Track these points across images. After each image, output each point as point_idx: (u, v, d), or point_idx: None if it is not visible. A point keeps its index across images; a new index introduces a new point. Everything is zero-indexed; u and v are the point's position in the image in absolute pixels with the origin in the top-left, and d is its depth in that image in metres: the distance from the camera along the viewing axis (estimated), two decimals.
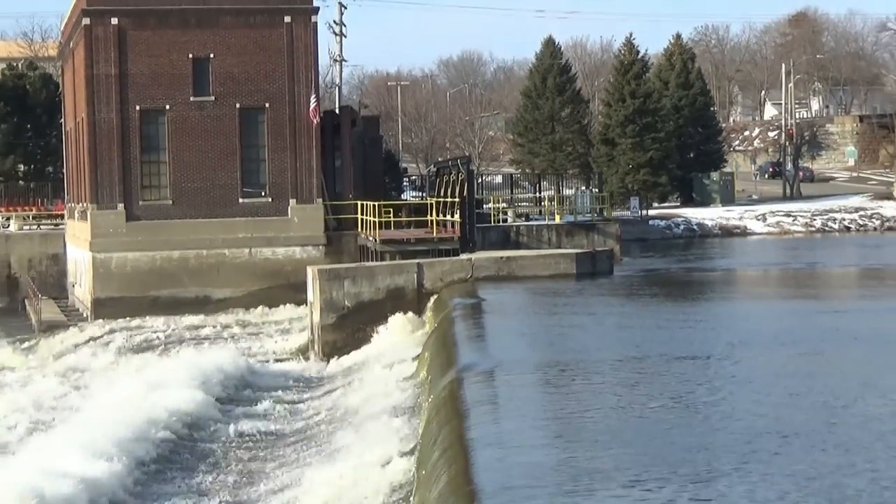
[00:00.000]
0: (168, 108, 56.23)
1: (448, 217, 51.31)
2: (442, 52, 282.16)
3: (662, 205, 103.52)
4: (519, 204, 78.96)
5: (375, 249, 49.31)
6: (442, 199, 53.16)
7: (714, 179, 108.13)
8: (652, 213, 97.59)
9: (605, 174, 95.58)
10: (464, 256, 45.95)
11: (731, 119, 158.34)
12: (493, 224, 56.87)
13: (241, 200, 56.49)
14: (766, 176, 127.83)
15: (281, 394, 36.51)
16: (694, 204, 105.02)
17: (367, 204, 52.22)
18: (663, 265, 62.98)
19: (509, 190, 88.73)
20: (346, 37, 78.22)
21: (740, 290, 47.54)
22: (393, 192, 78.71)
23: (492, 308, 35.49)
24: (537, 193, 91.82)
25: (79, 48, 59.13)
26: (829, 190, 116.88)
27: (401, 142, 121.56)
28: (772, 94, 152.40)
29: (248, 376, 38.79)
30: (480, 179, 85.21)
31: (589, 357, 25.90)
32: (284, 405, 34.59)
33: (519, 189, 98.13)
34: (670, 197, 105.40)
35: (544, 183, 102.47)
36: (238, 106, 56.60)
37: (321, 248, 56.19)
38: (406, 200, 71.67)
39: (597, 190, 77.28)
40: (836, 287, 48.55)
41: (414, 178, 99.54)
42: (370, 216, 50.52)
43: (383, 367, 35.61)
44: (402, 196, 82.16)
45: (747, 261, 67.02)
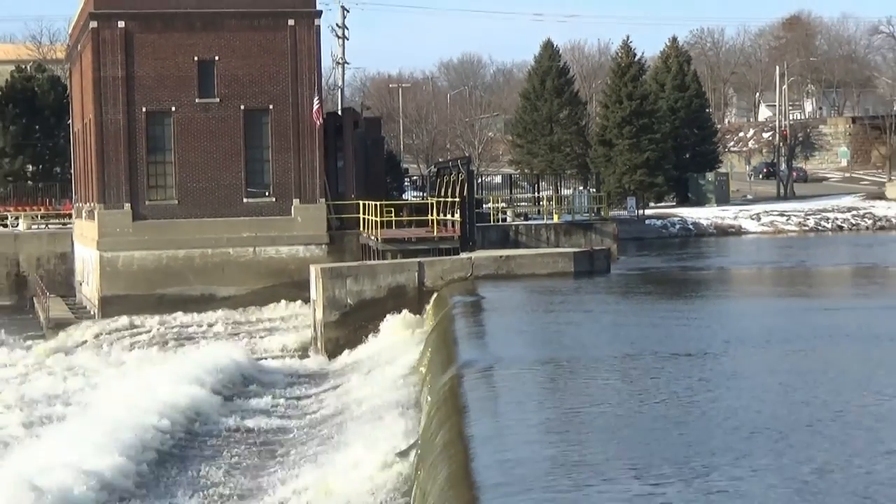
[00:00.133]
0: (174, 109, 56.24)
1: (448, 217, 51.32)
2: (442, 54, 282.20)
3: (659, 204, 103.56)
4: (518, 204, 79.00)
5: (377, 248, 49.34)
6: (442, 199, 53.17)
7: (709, 180, 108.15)
8: (648, 212, 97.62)
9: (603, 174, 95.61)
10: (464, 255, 45.98)
11: (726, 120, 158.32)
12: (492, 223, 56.85)
13: (245, 200, 56.51)
14: (761, 176, 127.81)
15: (284, 390, 36.56)
16: (689, 204, 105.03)
17: (368, 204, 52.23)
18: (659, 264, 63.01)
19: (508, 190, 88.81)
20: (348, 40, 78.40)
21: (734, 289, 47.53)
22: (394, 192, 78.67)
23: (491, 306, 35.51)
24: (536, 193, 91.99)
25: (86, 51, 59.14)
26: (822, 190, 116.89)
27: (402, 143, 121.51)
28: (766, 96, 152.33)
29: (252, 373, 38.83)
30: (480, 180, 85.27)
31: (586, 354, 25.92)
32: (287, 401, 34.65)
33: (518, 189, 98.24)
34: (666, 197, 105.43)
35: (543, 183, 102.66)
36: (242, 107, 56.60)
37: (324, 246, 56.20)
38: (407, 200, 71.65)
39: (594, 190, 77.32)
40: (828, 285, 48.55)
41: (415, 178, 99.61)
42: (372, 216, 50.53)
43: (385, 364, 35.65)
44: (403, 196, 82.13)
45: (742, 259, 67.04)
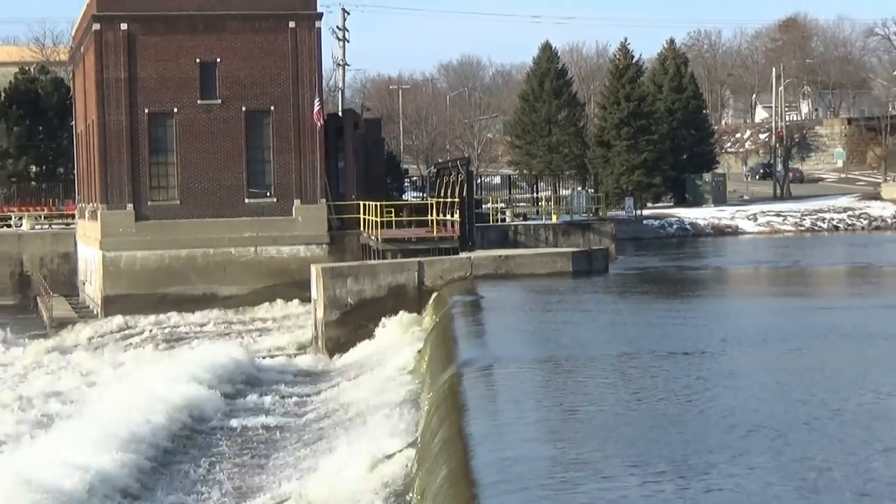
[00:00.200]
0: (176, 110, 56.22)
1: (448, 217, 51.31)
2: (442, 56, 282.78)
3: (656, 205, 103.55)
4: (517, 204, 78.97)
5: (377, 248, 49.32)
6: (442, 200, 53.15)
7: (706, 180, 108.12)
8: (646, 212, 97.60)
9: (601, 175, 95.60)
10: (463, 255, 45.95)
11: (723, 122, 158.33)
12: (491, 224, 56.86)
13: (246, 201, 56.51)
14: (757, 177, 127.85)
15: (285, 388, 36.52)
16: (687, 204, 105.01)
17: (369, 204, 52.22)
18: (657, 264, 62.96)
19: (507, 190, 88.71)
20: (348, 42, 78.43)
21: (731, 288, 47.51)
22: (394, 192, 78.67)
23: (490, 305, 35.48)
24: (535, 194, 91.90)
25: (89, 53, 59.11)
26: (818, 190, 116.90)
27: (402, 144, 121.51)
28: (762, 98, 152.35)
29: (253, 371, 38.79)
30: (479, 180, 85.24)
31: (584, 353, 25.89)
32: (289, 399, 34.60)
33: (517, 189, 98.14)
34: (664, 197, 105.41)
35: (541, 184, 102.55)
36: (244, 109, 56.59)
37: (325, 246, 56.20)
38: (407, 201, 71.63)
39: (592, 190, 77.33)
40: (824, 285, 48.54)
41: (415, 178, 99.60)
42: (372, 216, 50.51)
43: (385, 363, 35.60)
44: (403, 196, 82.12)
45: (738, 259, 67.01)
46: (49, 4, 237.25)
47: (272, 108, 56.70)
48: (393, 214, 51.02)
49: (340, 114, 65.87)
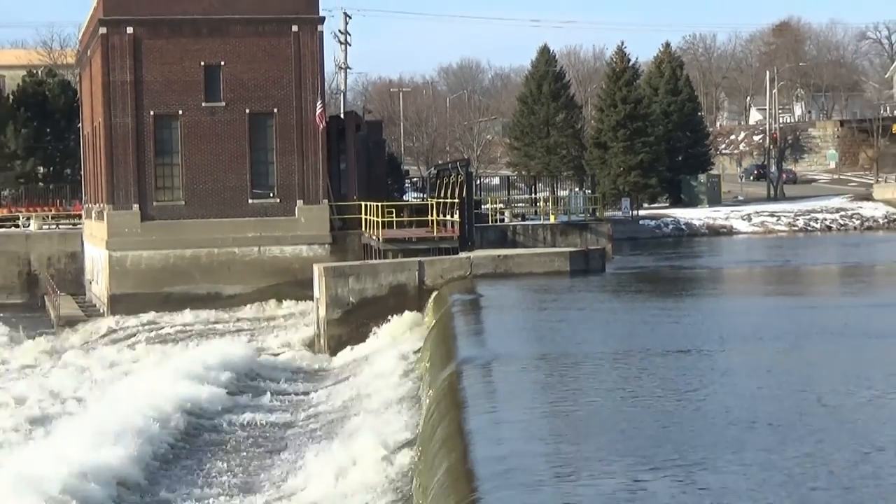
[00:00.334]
0: (181, 113, 56.25)
1: (448, 217, 51.33)
2: (442, 59, 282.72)
3: (652, 205, 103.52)
4: (515, 205, 79.00)
5: (379, 248, 49.35)
6: (442, 200, 53.17)
7: (701, 181, 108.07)
8: (642, 213, 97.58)
9: (598, 176, 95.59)
10: (463, 255, 45.98)
11: (718, 124, 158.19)
12: (490, 224, 56.89)
13: (250, 201, 56.54)
14: (751, 178, 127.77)
15: (288, 385, 36.56)
16: (682, 204, 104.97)
17: (370, 204, 52.25)
18: (653, 263, 62.96)
19: (506, 191, 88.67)
20: (350, 45, 78.52)
21: (725, 287, 47.54)
22: (395, 193, 78.61)
23: (489, 304, 35.50)
24: (533, 194, 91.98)
25: (96, 56, 59.15)
26: (811, 191, 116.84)
27: (403, 145, 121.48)
28: (756, 100, 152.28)
29: (257, 369, 38.81)
30: (479, 181, 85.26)
31: (581, 351, 25.92)
32: (292, 396, 34.64)
33: (515, 190, 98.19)
34: (660, 198, 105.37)
35: (539, 184, 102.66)
36: (248, 111, 56.62)
37: (327, 246, 56.24)
38: (408, 201, 71.64)
39: (590, 191, 77.36)
40: (816, 284, 48.57)
41: (415, 179, 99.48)
42: (373, 216, 50.54)
43: (386, 360, 35.63)
44: (403, 197, 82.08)
45: (733, 259, 66.99)
46: (56, 9, 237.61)
47: (275, 110, 56.73)
48: (394, 215, 51.05)
49: (342, 116, 65.89)
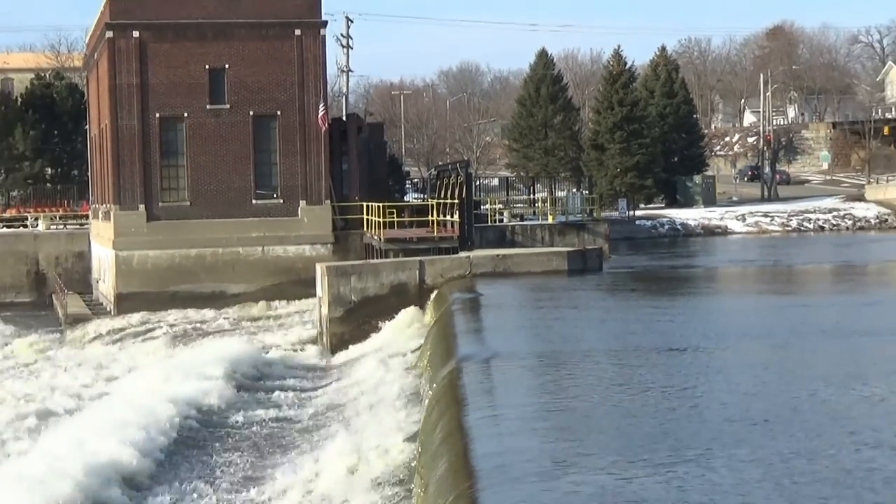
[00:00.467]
0: (186, 115, 56.28)
1: (448, 217, 51.34)
2: (442, 63, 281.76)
3: (648, 206, 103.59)
4: (514, 205, 78.87)
5: (380, 248, 49.38)
6: (442, 201, 53.19)
7: (697, 182, 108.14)
8: (639, 213, 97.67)
9: (595, 177, 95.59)
10: (462, 254, 46.01)
11: (713, 126, 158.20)
12: (489, 224, 56.85)
13: (254, 202, 56.55)
14: (746, 179, 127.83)
15: (292, 382, 36.56)
16: (678, 205, 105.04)
17: (372, 205, 52.28)
18: (649, 262, 63.01)
19: (505, 192, 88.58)
20: (352, 49, 78.69)
21: (720, 286, 47.57)
22: (396, 193, 78.61)
23: (489, 303, 35.54)
24: (531, 195, 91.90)
25: (102, 59, 59.18)
26: (804, 192, 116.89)
27: (403, 147, 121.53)
28: (751, 103, 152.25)
29: (261, 366, 38.81)
30: (478, 182, 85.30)
31: (579, 348, 25.96)
32: (295, 393, 34.63)
33: (514, 191, 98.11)
34: (656, 198, 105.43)
35: (538, 185, 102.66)
36: (251, 113, 56.64)
37: (329, 246, 56.25)
38: (408, 202, 71.65)
39: (587, 192, 77.23)
40: (808, 283, 48.60)
41: (416, 180, 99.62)
42: (375, 216, 50.57)
43: (387, 358, 35.65)
44: (404, 198, 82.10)
45: (727, 258, 67.05)
46: (64, 13, 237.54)
47: (279, 112, 56.74)
48: (395, 215, 51.06)
49: (344, 118, 65.90)
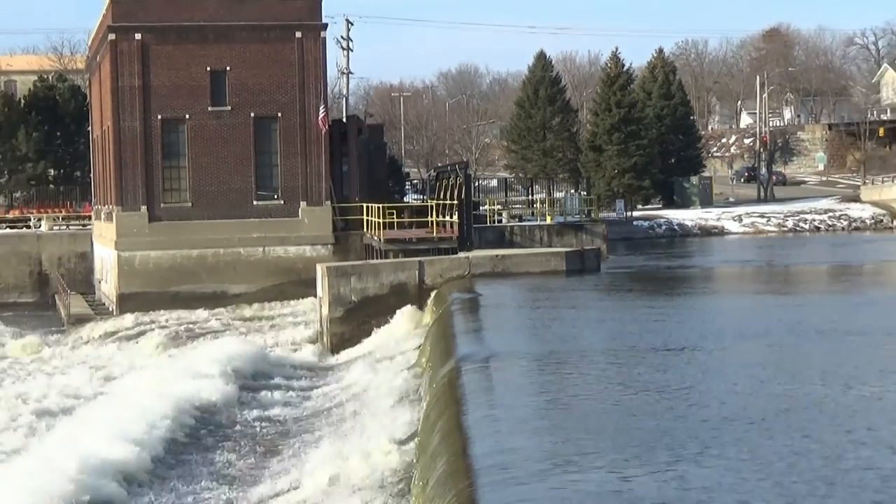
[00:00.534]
0: (188, 117, 56.30)
1: (447, 218, 51.37)
2: (441, 65, 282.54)
3: (646, 207, 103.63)
4: (513, 206, 79.00)
5: (380, 248, 49.40)
6: (441, 202, 53.23)
7: (693, 183, 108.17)
8: (636, 214, 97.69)
9: (593, 178, 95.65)
10: (462, 255, 46.04)
11: (710, 127, 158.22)
12: (488, 224, 56.98)
13: (255, 202, 56.59)
14: (742, 180, 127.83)
15: (293, 381, 36.57)
16: (675, 206, 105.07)
17: (372, 206, 52.30)
18: (646, 263, 63.02)
19: (504, 193, 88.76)
20: (352, 51, 78.63)
21: (716, 286, 47.58)
22: (396, 194, 78.63)
23: (487, 302, 35.55)
24: (530, 196, 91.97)
25: (105, 62, 59.20)
26: (800, 193, 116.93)
27: (403, 148, 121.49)
28: (747, 104, 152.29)
29: (262, 365, 38.82)
30: (477, 183, 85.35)
31: (577, 348, 25.97)
32: (296, 392, 34.66)
33: (513, 192, 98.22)
34: (653, 199, 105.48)
35: (536, 186, 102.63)
36: (252, 115, 56.66)
37: (329, 246, 56.27)
38: (408, 203, 71.67)
39: (585, 193, 77.32)
40: (804, 283, 48.60)
41: (415, 181, 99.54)
42: (375, 217, 50.60)
43: (387, 358, 35.68)
44: (404, 199, 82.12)
45: (724, 258, 67.06)
46: (67, 15, 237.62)
47: (279, 114, 56.77)
48: (394, 216, 51.11)
49: (345, 120, 65.93)
